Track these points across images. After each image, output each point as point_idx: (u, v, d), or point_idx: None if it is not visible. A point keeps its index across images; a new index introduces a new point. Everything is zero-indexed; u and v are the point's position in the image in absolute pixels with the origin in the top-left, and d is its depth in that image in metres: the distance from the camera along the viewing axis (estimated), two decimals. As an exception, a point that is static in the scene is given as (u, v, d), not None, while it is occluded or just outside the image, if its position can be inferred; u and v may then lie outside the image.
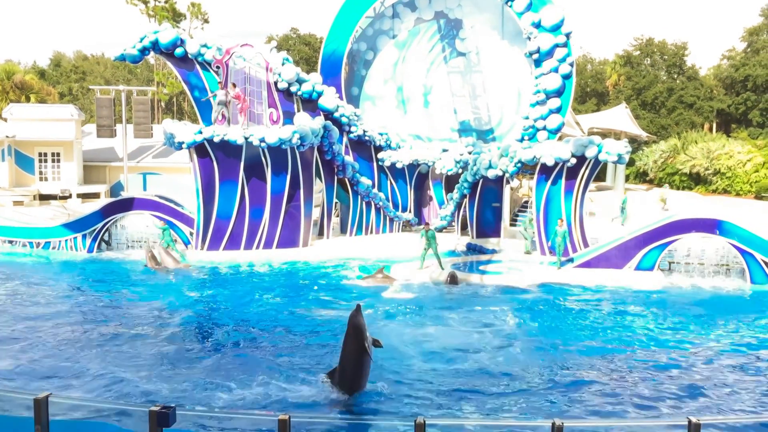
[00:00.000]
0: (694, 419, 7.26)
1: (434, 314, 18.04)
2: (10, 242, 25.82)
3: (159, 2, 53.47)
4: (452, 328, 16.75)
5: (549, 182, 23.62)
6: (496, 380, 12.97)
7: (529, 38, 26.24)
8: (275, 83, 25.78)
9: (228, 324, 16.59)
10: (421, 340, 15.50)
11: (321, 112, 26.53)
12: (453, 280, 21.18)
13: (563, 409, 11.62)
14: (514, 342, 15.47)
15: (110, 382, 12.25)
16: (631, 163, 49.33)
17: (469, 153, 27.55)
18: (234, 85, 24.75)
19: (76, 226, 25.57)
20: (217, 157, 24.34)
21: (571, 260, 22.74)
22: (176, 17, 53.65)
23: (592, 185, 25.91)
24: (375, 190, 28.10)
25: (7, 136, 36.66)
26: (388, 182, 28.82)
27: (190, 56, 25.06)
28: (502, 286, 21.10)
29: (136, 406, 9.98)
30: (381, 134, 28.35)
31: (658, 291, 20.57)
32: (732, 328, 16.96)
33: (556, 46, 25.81)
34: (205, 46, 25.05)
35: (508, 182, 26.33)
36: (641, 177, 51.64)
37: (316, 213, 27.26)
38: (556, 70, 25.87)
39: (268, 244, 25.10)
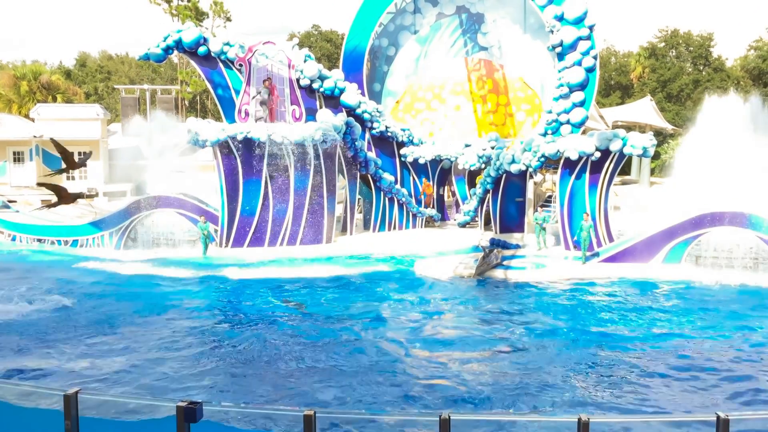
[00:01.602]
0: (722, 414, 7.16)
1: (460, 308, 18.04)
2: (39, 240, 26.22)
3: (182, 1, 53.82)
4: (477, 322, 16.73)
5: (573, 176, 23.44)
6: (522, 375, 12.93)
7: (552, 31, 26.04)
8: (297, 80, 25.88)
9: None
10: (446, 333, 15.51)
11: (343, 109, 26.56)
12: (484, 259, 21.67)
13: (589, 403, 11.55)
14: (539, 337, 15.41)
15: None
16: (656, 156, 48.73)
17: (492, 148, 27.44)
18: (269, 80, 24.97)
19: (103, 224, 25.90)
20: (240, 155, 24.50)
21: (597, 254, 22.56)
22: (199, 16, 53.96)
23: (616, 179, 25.66)
24: (398, 186, 28.09)
25: (34, 136, 37.21)
26: (411, 178, 28.79)
27: (213, 54, 25.23)
28: (527, 281, 21.01)
29: (163, 402, 10.07)
30: (403, 130, 28.31)
31: (685, 285, 20.34)
32: (759, 323, 16.71)
33: (580, 38, 25.58)
34: (227, 44, 25.21)
35: (531, 177, 26.17)
36: (666, 170, 50.99)
37: (339, 209, 27.33)
38: (579, 63, 25.65)
39: (291, 241, 25.22)
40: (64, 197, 18.32)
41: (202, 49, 25.10)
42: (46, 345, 14.51)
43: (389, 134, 27.87)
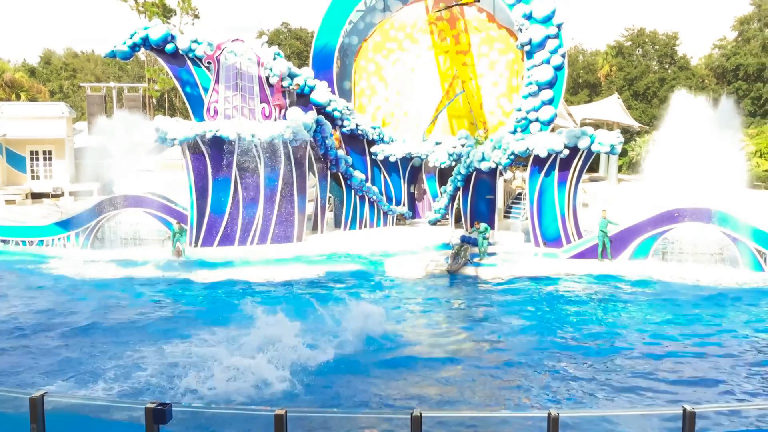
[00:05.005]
0: (689, 407, 7.28)
1: (431, 306, 18.08)
2: (3, 241, 25.71)
3: (149, -2, 53.16)
4: (448, 319, 16.78)
5: (542, 174, 23.66)
6: (492, 371, 13.01)
7: (521, 30, 26.23)
8: (267, 78, 25.69)
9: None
10: (417, 331, 15.53)
11: (313, 107, 26.45)
12: (455, 257, 21.92)
13: (558, 399, 11.66)
14: (509, 334, 15.52)
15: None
16: (623, 153, 49.40)
17: (462, 146, 27.53)
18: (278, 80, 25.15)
19: (69, 224, 25.48)
20: (209, 153, 24.27)
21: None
22: (166, 13, 53.35)
23: (584, 176, 25.94)
24: (368, 184, 28.06)
25: (-2, 135, 36.46)
26: (382, 176, 28.77)
27: (180, 52, 24.96)
28: (497, 277, 21.15)
29: (132, 403, 9.94)
30: (374, 128, 28.28)
31: (652, 281, 20.63)
32: (725, 317, 17.02)
33: (548, 37, 25.81)
34: (195, 41, 24.94)
35: (501, 174, 26.33)
36: (634, 167, 51.70)
37: (309, 208, 27.21)
38: (548, 62, 25.87)
39: (262, 240, 25.05)
40: None
41: (169, 47, 24.82)
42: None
43: (360, 132, 27.82)
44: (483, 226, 23.30)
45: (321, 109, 26.59)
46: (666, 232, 22.12)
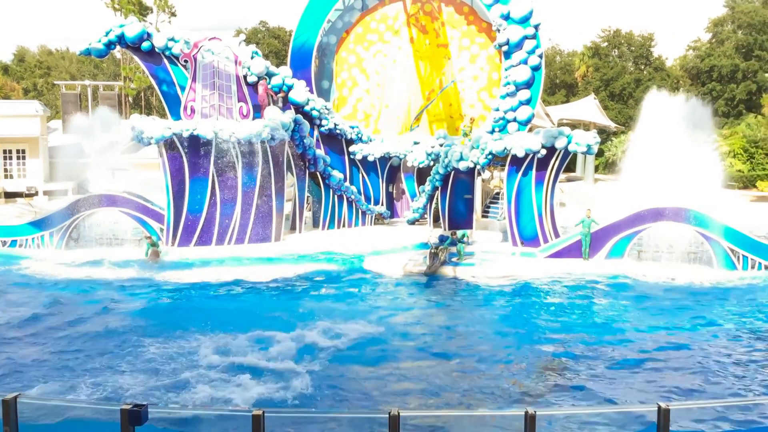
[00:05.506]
0: (663, 405, 7.36)
1: (408, 305, 18.11)
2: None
3: (125, -5, 52.64)
4: (425, 319, 16.82)
5: (520, 173, 23.79)
6: (470, 370, 13.06)
7: (499, 30, 26.34)
8: (244, 77, 25.54)
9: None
10: (395, 330, 15.55)
11: (291, 106, 26.35)
12: (434, 257, 21.97)
13: (535, 396, 11.73)
14: (485, 331, 15.60)
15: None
16: (600, 153, 49.86)
17: (441, 145, 27.58)
18: (264, 79, 25.06)
19: (43, 223, 25.12)
20: (186, 153, 24.07)
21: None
22: (142, 11, 52.88)
23: (562, 176, 26.13)
24: (347, 184, 28.02)
25: (-30, 133, 35.90)
26: (360, 175, 28.74)
27: (157, 50, 24.71)
28: (475, 277, 21.22)
29: (107, 405, 9.84)
30: (352, 127, 28.24)
31: (627, 279, 20.81)
32: (700, 316, 17.23)
33: (525, 37, 25.96)
34: (172, 39, 24.72)
35: (479, 174, 26.43)
36: (610, 167, 52.19)
37: (288, 207, 27.10)
38: (525, 62, 26.02)
39: (240, 240, 24.91)
40: None
41: (145, 45, 24.56)
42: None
43: (338, 131, 27.77)
44: (460, 233, 23.44)
45: (299, 109, 26.50)
46: (641, 232, 22.33)
